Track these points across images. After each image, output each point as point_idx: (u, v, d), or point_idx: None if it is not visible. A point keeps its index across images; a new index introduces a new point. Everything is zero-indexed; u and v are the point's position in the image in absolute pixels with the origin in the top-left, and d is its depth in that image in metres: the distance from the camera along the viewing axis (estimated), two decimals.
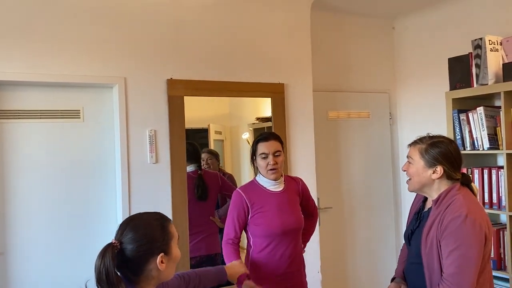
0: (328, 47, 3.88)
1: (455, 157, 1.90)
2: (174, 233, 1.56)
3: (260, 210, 2.35)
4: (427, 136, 1.96)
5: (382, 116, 4.14)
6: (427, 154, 1.89)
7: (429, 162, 1.88)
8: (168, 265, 1.52)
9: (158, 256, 1.48)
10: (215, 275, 2.03)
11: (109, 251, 1.42)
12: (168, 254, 1.51)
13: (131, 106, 2.88)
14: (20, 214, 2.70)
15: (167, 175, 2.96)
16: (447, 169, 1.86)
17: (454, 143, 1.97)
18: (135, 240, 1.46)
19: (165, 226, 1.54)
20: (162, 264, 1.49)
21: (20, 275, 2.68)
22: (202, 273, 1.97)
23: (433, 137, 1.94)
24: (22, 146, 2.72)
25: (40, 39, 2.66)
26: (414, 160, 1.94)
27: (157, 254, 1.48)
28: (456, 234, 1.74)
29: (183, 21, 3.05)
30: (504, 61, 3.01)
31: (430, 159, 1.88)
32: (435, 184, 1.89)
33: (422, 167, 1.90)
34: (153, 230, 1.50)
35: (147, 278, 1.49)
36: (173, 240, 1.54)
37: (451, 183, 1.88)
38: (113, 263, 1.40)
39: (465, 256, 1.73)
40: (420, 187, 1.94)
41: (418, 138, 1.97)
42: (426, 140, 1.93)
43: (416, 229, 1.96)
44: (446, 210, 1.81)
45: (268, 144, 2.37)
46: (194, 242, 3.05)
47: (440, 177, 1.87)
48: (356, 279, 3.97)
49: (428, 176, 1.89)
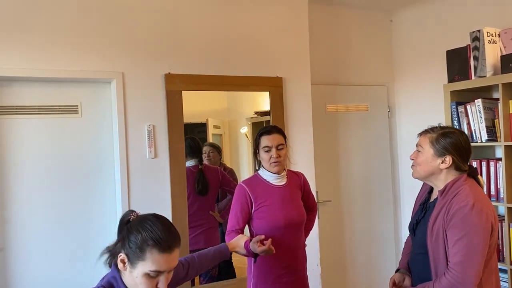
0: (326, 41, 3.88)
1: (465, 148, 1.90)
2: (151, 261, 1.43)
3: (263, 204, 2.35)
4: (438, 126, 1.96)
5: (380, 109, 4.14)
6: (438, 143, 1.89)
7: (439, 152, 1.88)
8: (129, 275, 1.47)
9: (123, 253, 1.47)
10: (216, 253, 2.01)
11: (127, 214, 1.56)
12: (132, 266, 1.45)
13: (129, 101, 2.87)
14: (19, 210, 2.70)
15: (166, 170, 2.96)
16: (456, 159, 1.87)
17: (465, 134, 1.97)
18: (135, 232, 1.47)
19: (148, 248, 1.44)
20: (121, 263, 1.47)
21: (20, 270, 2.69)
22: (201, 255, 1.96)
23: (445, 128, 1.95)
24: (20, 142, 2.72)
25: (37, 34, 2.65)
26: (423, 148, 1.93)
27: (124, 252, 1.47)
28: (463, 223, 1.75)
29: (181, 16, 3.04)
30: (502, 53, 3.00)
31: (440, 148, 1.88)
32: (442, 174, 1.90)
33: (431, 156, 1.90)
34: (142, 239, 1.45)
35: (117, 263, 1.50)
36: (142, 263, 1.44)
37: (458, 174, 1.89)
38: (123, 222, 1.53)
39: (472, 245, 1.73)
40: (426, 175, 1.94)
41: (429, 128, 1.97)
42: (437, 130, 1.93)
43: (422, 219, 1.96)
44: (452, 200, 1.81)
45: (271, 137, 2.37)
46: (193, 235, 3.06)
47: (448, 167, 1.88)
48: (355, 272, 3.98)
49: (437, 165, 1.89)
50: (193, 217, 3.05)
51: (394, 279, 2.04)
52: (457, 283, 1.73)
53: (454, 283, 1.73)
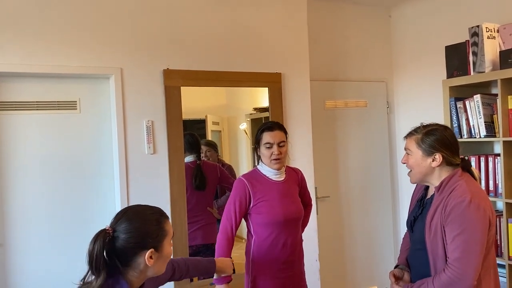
0: (325, 36, 3.87)
1: (451, 142, 1.90)
2: (169, 230, 1.54)
3: (263, 199, 2.35)
4: (420, 126, 1.96)
5: (379, 105, 4.14)
6: (424, 143, 1.89)
7: (427, 151, 1.88)
8: (157, 262, 1.51)
9: (148, 251, 1.47)
10: (205, 268, 2.02)
11: (101, 237, 1.45)
12: (158, 251, 1.50)
13: (128, 97, 2.87)
14: (18, 205, 2.71)
15: (165, 166, 2.96)
16: (446, 155, 1.87)
17: (449, 128, 1.97)
18: (128, 231, 1.46)
19: (160, 222, 1.52)
20: (151, 259, 1.48)
21: (19, 266, 2.70)
22: (192, 263, 1.96)
23: (427, 126, 1.94)
24: (18, 137, 2.72)
25: (36, 30, 2.65)
26: (412, 151, 1.94)
27: (148, 249, 1.47)
28: (461, 219, 1.75)
29: (180, 11, 3.04)
30: (501, 49, 3.00)
31: (427, 147, 1.88)
32: (435, 172, 1.90)
33: (421, 157, 1.90)
34: (147, 224, 1.49)
35: (134, 271, 1.49)
36: (166, 238, 1.53)
37: (451, 169, 1.89)
38: (102, 248, 1.43)
39: (470, 241, 1.74)
40: (421, 177, 1.94)
41: (413, 129, 1.97)
42: (421, 129, 1.93)
43: (419, 215, 1.96)
44: (449, 196, 1.81)
45: (273, 134, 2.36)
46: (191, 231, 3.06)
47: (440, 165, 1.88)
48: (354, 267, 3.99)
49: (428, 165, 1.89)
50: (191, 213, 3.05)
51: (394, 273, 2.04)
52: (457, 279, 1.73)
53: (453, 279, 1.73)
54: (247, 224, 2.43)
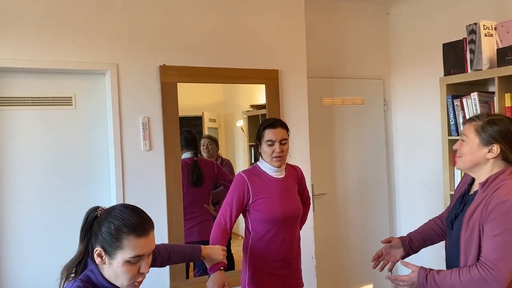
0: (323, 33, 3.86)
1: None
2: (128, 247, 1.44)
3: (262, 196, 2.34)
4: (484, 113, 1.86)
5: (376, 102, 4.14)
6: (484, 131, 1.78)
7: (485, 140, 1.77)
8: (109, 268, 1.47)
9: (98, 248, 1.46)
10: (190, 254, 2.01)
11: (91, 210, 1.56)
12: (110, 257, 1.45)
13: (123, 93, 2.85)
14: (12, 201, 2.69)
15: (161, 162, 2.95)
16: (504, 148, 1.76)
17: None
18: (104, 220, 1.50)
19: (121, 233, 1.44)
20: (98, 258, 1.47)
21: (12, 263, 2.68)
22: (174, 250, 1.95)
23: (492, 115, 1.86)
24: (13, 133, 2.70)
25: (30, 25, 2.62)
26: (468, 137, 1.82)
27: (100, 246, 1.46)
28: (502, 219, 1.66)
29: (176, 7, 3.02)
30: (499, 46, 3.00)
31: (486, 137, 1.77)
32: (488, 164, 1.79)
33: (477, 145, 1.79)
34: (111, 224, 1.47)
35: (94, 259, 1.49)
36: (121, 251, 1.44)
37: (504, 165, 1.78)
38: (85, 221, 1.54)
39: (509, 243, 1.66)
40: (471, 166, 1.83)
41: (475, 115, 1.86)
42: (483, 117, 1.82)
43: (460, 212, 1.87)
44: (492, 194, 1.72)
45: (275, 131, 2.35)
46: (186, 228, 3.05)
47: (495, 157, 1.77)
48: (350, 264, 4.00)
49: (483, 155, 1.78)
50: (187, 209, 3.04)
51: (382, 251, 2.10)
52: (489, 279, 1.66)
53: (486, 278, 1.66)
54: (245, 221, 2.43)
